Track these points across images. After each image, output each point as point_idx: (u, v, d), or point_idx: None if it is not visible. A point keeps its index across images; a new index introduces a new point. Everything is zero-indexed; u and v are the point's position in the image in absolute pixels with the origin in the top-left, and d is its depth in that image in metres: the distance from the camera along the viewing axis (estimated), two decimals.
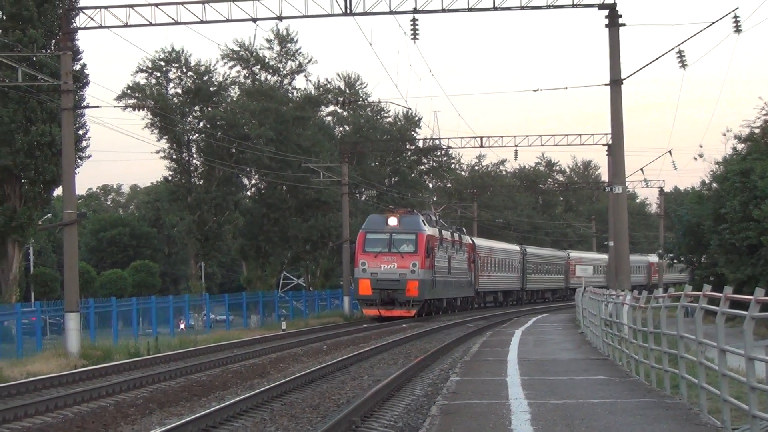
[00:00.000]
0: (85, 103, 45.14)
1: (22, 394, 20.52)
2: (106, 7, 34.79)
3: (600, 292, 33.22)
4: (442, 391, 18.81)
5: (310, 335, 42.98)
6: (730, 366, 13.41)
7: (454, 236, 63.24)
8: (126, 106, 64.65)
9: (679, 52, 35.25)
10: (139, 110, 65.52)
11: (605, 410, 15.18)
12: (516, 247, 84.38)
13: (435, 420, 14.04)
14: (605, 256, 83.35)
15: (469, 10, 34.30)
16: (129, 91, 67.43)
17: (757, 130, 43.01)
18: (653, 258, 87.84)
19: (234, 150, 66.05)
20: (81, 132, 47.15)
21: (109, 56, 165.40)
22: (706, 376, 14.19)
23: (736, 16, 34.07)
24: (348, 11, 34.14)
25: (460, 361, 26.75)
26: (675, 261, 57.92)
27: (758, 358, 11.45)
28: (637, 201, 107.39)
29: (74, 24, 38.73)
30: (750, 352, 11.36)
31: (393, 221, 52.44)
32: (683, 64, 35.32)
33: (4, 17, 47.02)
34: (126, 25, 34.79)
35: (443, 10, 34.27)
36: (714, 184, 45.45)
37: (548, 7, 34.03)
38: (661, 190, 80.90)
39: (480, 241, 74.83)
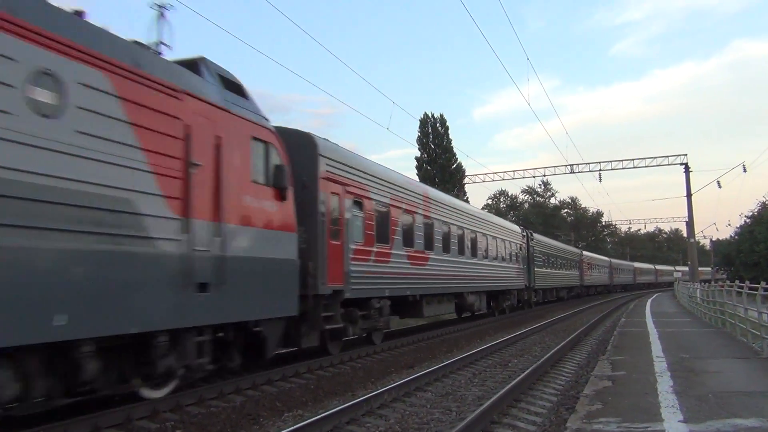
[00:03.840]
0: None
1: None
2: (475, 175, 51.36)
3: (686, 282, 41.50)
4: (618, 324, 21.76)
5: None
6: (750, 315, 15.23)
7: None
8: None
9: (718, 182, 45.78)
10: None
11: (691, 333, 17.86)
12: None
13: (616, 337, 16.99)
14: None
15: (623, 168, 47.49)
16: (483, 209, 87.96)
17: (755, 213, 53.71)
18: (615, 260, 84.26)
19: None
20: None
21: (479, 194, 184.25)
22: (737, 318, 16.54)
23: (744, 165, 44.52)
24: (571, 171, 47.07)
25: (625, 312, 30.49)
26: (718, 269, 70.92)
27: (762, 311, 13.60)
28: (700, 244, 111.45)
29: (464, 181, 52.84)
30: (759, 308, 13.83)
31: None
32: (719, 186, 44.49)
33: (419, 179, 51.48)
34: (483, 181, 50.34)
35: (612, 169, 47.96)
36: (736, 237, 57.26)
37: (658, 165, 45.88)
38: (711, 239, 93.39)
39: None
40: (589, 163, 48.33)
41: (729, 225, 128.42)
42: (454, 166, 58.28)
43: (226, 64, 10.78)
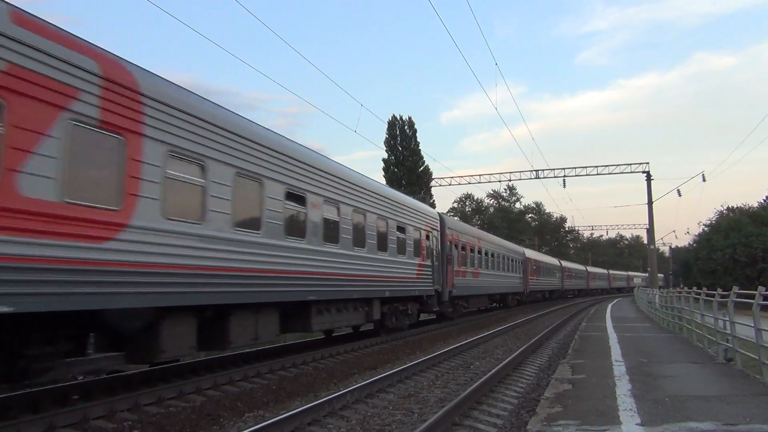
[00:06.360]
0: None
1: None
2: (442, 178, 50.92)
3: (647, 289, 41.39)
4: (579, 329, 21.88)
5: None
6: (706, 321, 15.44)
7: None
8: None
9: (678, 190, 46.23)
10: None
11: (649, 337, 18.11)
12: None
13: (577, 341, 17.17)
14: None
15: (587, 174, 47.43)
16: (449, 213, 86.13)
17: (713, 222, 57.01)
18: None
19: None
20: None
21: (445, 197, 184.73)
22: (694, 324, 16.79)
23: (703, 174, 47.93)
24: (536, 177, 47.46)
25: (585, 317, 30.67)
26: (677, 277, 72.52)
27: (718, 317, 13.86)
28: (660, 251, 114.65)
29: (431, 184, 52.58)
30: (716, 315, 14.03)
31: None
32: (679, 194, 45.13)
33: (386, 181, 52.06)
34: (450, 185, 50.60)
35: (576, 175, 47.63)
36: (694, 244, 60.11)
37: (621, 172, 46.30)
38: (671, 246, 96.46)
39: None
40: (553, 169, 49.24)
41: (688, 233, 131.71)
42: (422, 168, 58.48)
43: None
